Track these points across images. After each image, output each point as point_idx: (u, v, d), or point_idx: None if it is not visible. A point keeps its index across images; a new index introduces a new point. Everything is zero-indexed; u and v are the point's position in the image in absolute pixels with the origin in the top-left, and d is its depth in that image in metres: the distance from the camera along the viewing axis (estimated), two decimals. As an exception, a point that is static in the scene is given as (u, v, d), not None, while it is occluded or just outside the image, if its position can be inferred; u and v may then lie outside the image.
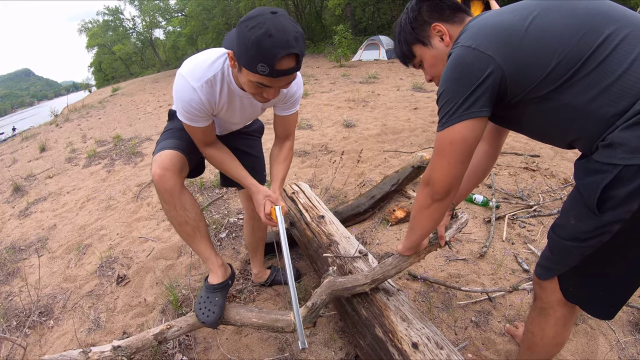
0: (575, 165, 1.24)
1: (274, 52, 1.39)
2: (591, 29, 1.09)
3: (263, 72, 1.45)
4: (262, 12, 1.44)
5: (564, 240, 1.28)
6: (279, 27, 1.39)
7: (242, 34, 1.42)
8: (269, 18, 1.40)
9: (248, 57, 1.43)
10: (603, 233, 1.15)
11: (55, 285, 3.26)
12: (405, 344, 1.69)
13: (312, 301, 1.91)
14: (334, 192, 4.25)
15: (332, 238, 2.49)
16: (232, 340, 2.40)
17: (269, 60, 1.41)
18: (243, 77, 1.56)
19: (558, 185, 3.91)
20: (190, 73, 1.69)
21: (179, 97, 1.71)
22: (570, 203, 1.26)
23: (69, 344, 2.54)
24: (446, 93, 1.26)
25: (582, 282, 1.37)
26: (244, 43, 1.41)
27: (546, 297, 1.50)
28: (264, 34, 1.36)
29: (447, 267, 2.86)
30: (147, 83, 31.02)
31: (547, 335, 1.57)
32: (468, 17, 1.45)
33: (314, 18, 38.11)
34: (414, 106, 7.79)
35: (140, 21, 62.64)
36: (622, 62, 1.05)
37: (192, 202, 1.89)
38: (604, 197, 1.08)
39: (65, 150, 8.66)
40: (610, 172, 1.05)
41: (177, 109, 1.78)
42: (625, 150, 1.02)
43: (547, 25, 1.14)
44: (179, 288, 2.86)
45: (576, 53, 1.09)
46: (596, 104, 1.08)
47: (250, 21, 1.40)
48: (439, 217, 1.50)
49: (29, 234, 4.43)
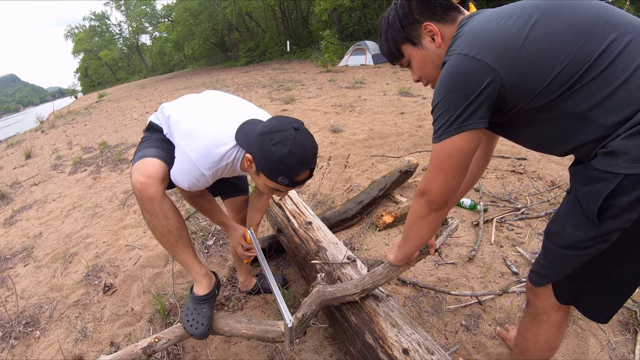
0: (571, 171, 1.22)
1: (296, 169, 1.56)
2: (593, 35, 1.06)
3: (282, 183, 1.60)
4: (285, 126, 1.56)
5: (560, 248, 1.27)
6: (300, 145, 1.53)
7: (265, 147, 1.53)
8: (292, 135, 1.52)
9: (271, 170, 1.57)
10: (602, 242, 1.14)
11: (41, 294, 3.21)
12: (395, 350, 1.68)
13: (302, 312, 1.88)
14: (322, 198, 4.23)
15: (320, 244, 2.48)
16: (221, 349, 2.37)
17: (291, 175, 1.57)
18: (260, 181, 1.69)
19: (545, 188, 3.93)
20: (201, 160, 1.71)
21: (186, 175, 1.76)
22: (566, 211, 1.25)
23: (55, 354, 2.50)
24: (442, 104, 1.21)
25: (578, 289, 1.36)
26: (267, 157, 1.54)
27: (539, 302, 1.49)
28: (289, 153, 1.51)
29: (436, 272, 2.86)
30: (134, 89, 30.90)
31: (540, 341, 1.56)
32: (461, 16, 1.37)
33: (300, 23, 38.17)
34: (400, 111, 7.81)
35: (127, 27, 62.56)
36: (626, 69, 1.03)
37: (174, 211, 1.84)
38: (604, 207, 1.07)
39: (51, 157, 8.55)
40: (611, 181, 1.03)
41: (178, 180, 1.80)
42: (627, 159, 1.01)
43: (547, 31, 1.10)
44: (167, 296, 2.83)
45: (579, 60, 1.06)
46: (598, 112, 1.06)
47: (275, 136, 1.53)
48: (435, 227, 1.48)
49: (14, 242, 4.36)
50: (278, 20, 38.37)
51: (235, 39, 47.59)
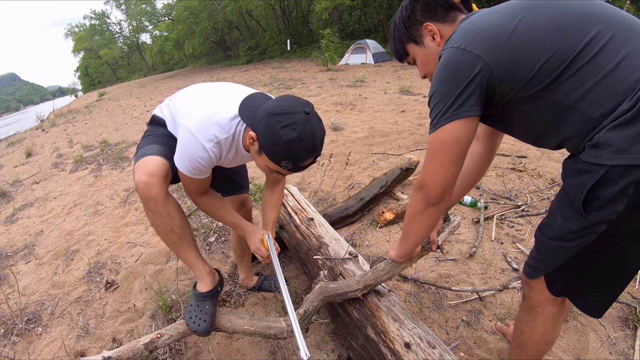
0: (563, 165, 1.25)
1: (302, 155, 1.49)
2: (578, 28, 1.10)
3: (286, 167, 1.54)
4: (296, 109, 1.47)
5: (551, 240, 1.30)
6: (310, 132, 1.46)
7: (272, 129, 1.45)
8: (302, 120, 1.44)
9: (275, 153, 1.50)
10: (589, 233, 1.16)
11: (43, 291, 3.22)
12: (397, 344, 1.69)
13: (304, 308, 1.89)
14: (323, 195, 4.25)
15: (322, 240, 2.48)
16: (223, 344, 2.38)
17: (296, 161, 1.50)
18: (261, 161, 1.62)
19: (545, 185, 3.95)
20: (200, 131, 1.64)
21: (188, 154, 1.68)
22: (557, 203, 1.27)
23: (57, 351, 2.51)
24: (436, 94, 1.26)
25: (569, 281, 1.38)
26: (274, 140, 1.46)
27: (534, 295, 1.51)
28: (297, 139, 1.43)
29: (437, 268, 2.87)
30: (134, 87, 30.88)
31: (536, 334, 1.57)
32: (461, 15, 1.45)
33: (300, 22, 38.16)
34: (401, 109, 7.82)
35: (127, 25, 62.48)
36: (610, 61, 1.06)
37: (178, 209, 1.83)
38: (590, 198, 1.09)
39: (52, 155, 8.57)
40: (596, 172, 1.06)
41: (180, 162, 1.72)
42: (612, 150, 1.03)
43: (534, 23, 1.14)
44: (169, 293, 2.84)
45: (564, 51, 1.10)
46: (584, 103, 1.09)
47: (284, 118, 1.44)
48: (433, 223, 1.49)
49: (16, 240, 4.37)
50: (278, 19, 38.36)
51: (235, 37, 47.59)
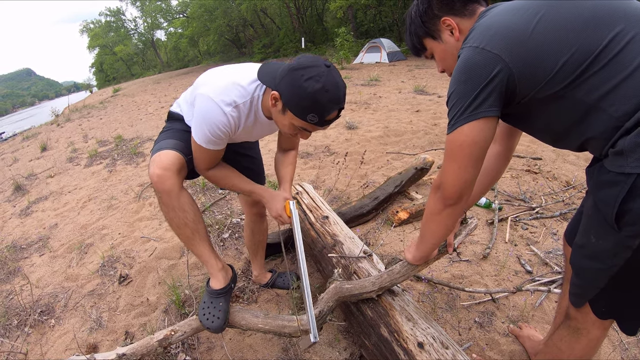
0: (587, 173, 1.21)
1: (329, 107, 1.50)
2: (600, 26, 1.07)
3: (312, 121, 1.54)
4: (317, 63, 1.50)
5: (587, 260, 1.24)
6: (333, 83, 1.48)
7: (296, 83, 1.47)
8: (324, 72, 1.47)
9: (301, 107, 1.51)
10: (624, 249, 1.09)
11: (56, 284, 3.26)
12: (410, 344, 1.69)
13: (319, 308, 1.88)
14: (337, 193, 4.25)
15: (337, 238, 2.48)
16: (235, 340, 2.39)
17: (322, 113, 1.51)
18: (285, 120, 1.62)
19: (560, 188, 3.91)
20: (220, 95, 1.65)
21: (206, 119, 1.67)
22: (588, 221, 1.22)
23: (70, 343, 2.54)
24: (454, 95, 1.24)
25: (613, 302, 1.30)
26: (298, 93, 1.48)
27: (581, 318, 1.42)
28: (322, 89, 1.45)
29: (451, 268, 2.86)
30: (149, 84, 31.10)
31: (576, 355, 1.50)
32: (480, 8, 1.40)
33: (315, 20, 38.25)
34: (416, 108, 7.80)
35: (142, 22, 62.94)
36: (633, 60, 1.03)
37: (191, 204, 1.82)
38: (622, 211, 1.04)
39: (67, 150, 8.66)
40: (624, 182, 1.01)
41: (198, 131, 1.71)
42: (638, 157, 0.99)
43: (554, 21, 1.11)
44: (182, 288, 2.86)
45: (585, 49, 1.07)
46: (607, 102, 1.06)
47: (307, 72, 1.47)
48: (451, 224, 1.46)
49: (30, 232, 4.43)
50: (293, 17, 38.44)
51: (250, 35, 47.76)
